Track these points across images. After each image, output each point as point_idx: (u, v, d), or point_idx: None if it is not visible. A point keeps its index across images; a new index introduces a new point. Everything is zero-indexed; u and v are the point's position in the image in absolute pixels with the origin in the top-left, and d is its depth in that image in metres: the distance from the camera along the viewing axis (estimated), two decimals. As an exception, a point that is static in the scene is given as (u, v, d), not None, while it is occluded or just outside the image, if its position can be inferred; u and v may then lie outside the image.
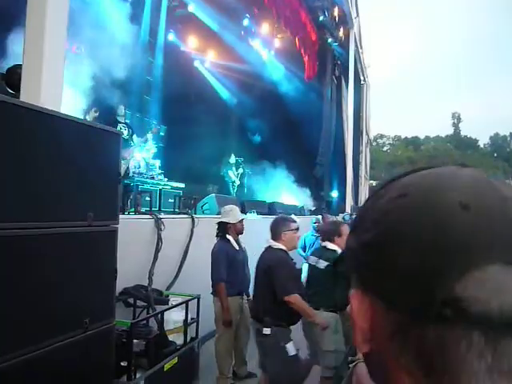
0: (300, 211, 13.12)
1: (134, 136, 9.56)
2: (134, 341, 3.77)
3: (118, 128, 8.17)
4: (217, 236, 5.23)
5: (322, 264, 4.46)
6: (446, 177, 0.49)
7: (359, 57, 20.72)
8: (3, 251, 2.15)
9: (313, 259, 4.69)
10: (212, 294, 5.05)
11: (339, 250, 4.44)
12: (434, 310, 0.43)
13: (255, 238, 5.53)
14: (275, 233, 4.24)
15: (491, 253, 0.43)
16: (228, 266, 4.95)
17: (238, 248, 5.17)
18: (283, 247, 4.16)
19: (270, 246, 4.22)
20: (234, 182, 13.11)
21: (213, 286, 5.01)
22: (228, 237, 5.13)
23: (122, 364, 3.63)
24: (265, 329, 3.94)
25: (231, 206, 5.65)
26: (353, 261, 0.53)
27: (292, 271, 4.18)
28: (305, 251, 7.87)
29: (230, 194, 12.61)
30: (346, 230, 4.47)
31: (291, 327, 4.14)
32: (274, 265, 4.03)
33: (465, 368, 0.42)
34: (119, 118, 9.21)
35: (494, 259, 0.42)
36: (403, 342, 0.46)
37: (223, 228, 5.19)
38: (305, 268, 5.61)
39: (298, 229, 4.32)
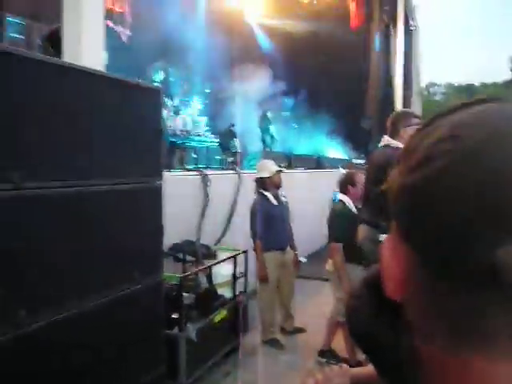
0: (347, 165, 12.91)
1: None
2: (185, 294, 3.89)
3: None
4: (255, 193, 5.20)
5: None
6: (510, 117, 0.42)
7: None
8: (55, 209, 2.22)
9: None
10: (254, 250, 5.09)
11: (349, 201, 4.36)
12: (467, 270, 0.39)
13: (302, 192, 5.51)
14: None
15: None
16: (264, 222, 4.95)
17: (276, 203, 5.12)
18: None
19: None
20: (274, 136, 12.95)
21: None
22: (265, 193, 5.10)
23: (174, 316, 3.76)
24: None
25: (264, 160, 5.62)
26: (392, 202, 0.47)
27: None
28: None
29: (273, 149, 12.51)
30: (360, 178, 4.36)
31: None
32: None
33: (501, 331, 0.39)
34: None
35: None
36: (431, 298, 0.43)
37: (261, 184, 5.14)
38: None
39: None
